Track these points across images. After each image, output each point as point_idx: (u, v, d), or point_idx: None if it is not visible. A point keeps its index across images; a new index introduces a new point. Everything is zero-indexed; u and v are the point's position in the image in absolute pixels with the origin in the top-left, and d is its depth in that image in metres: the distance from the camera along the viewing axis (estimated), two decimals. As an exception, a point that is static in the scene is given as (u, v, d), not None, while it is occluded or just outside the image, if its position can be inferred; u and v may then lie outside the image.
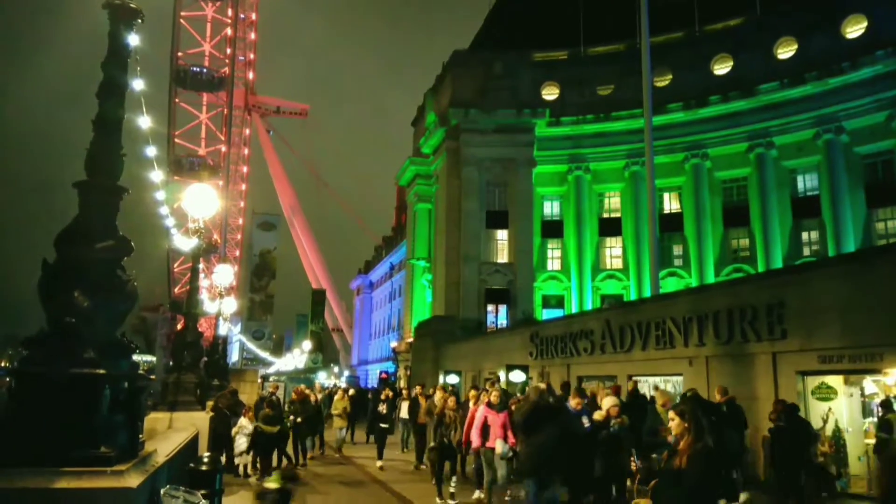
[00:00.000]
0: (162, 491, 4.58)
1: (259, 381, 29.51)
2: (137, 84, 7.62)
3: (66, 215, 4.61)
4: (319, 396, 19.41)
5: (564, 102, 39.99)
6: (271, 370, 66.29)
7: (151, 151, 9.30)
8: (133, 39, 5.10)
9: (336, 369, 68.01)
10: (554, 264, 40.06)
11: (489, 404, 10.51)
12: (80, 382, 4.03)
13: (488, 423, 10.26)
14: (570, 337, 20.29)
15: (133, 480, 3.86)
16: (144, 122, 8.22)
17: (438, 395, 14.37)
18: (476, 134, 39.42)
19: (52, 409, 4.00)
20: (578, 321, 21.38)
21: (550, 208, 40.84)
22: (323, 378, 48.89)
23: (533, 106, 39.54)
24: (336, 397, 19.28)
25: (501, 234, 39.62)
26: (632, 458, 10.01)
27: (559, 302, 38.94)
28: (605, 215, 39.81)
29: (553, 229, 40.04)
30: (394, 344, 53.11)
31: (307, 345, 62.83)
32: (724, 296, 14.41)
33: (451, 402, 12.53)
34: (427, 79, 48.41)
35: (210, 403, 12.60)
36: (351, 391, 22.76)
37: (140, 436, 4.59)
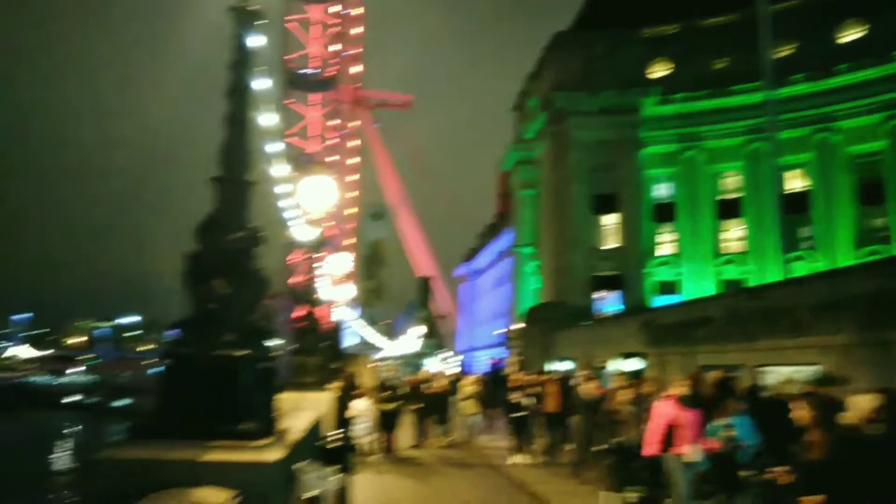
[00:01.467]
0: (298, 466, 4.86)
1: (374, 364, 30.59)
2: (259, 84, 8.03)
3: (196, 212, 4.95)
4: (446, 382, 18.41)
5: (675, 79, 38.13)
6: (384, 354, 68.53)
7: (273, 148, 9.83)
8: (255, 41, 5.38)
9: (444, 355, 69.22)
10: (666, 249, 38.46)
11: (679, 399, 8.30)
12: (222, 364, 4.34)
13: (675, 423, 8.09)
14: (689, 324, 19.42)
15: (273, 455, 4.11)
16: (265, 119, 8.67)
17: (593, 384, 12.11)
18: (580, 116, 38.47)
19: (199, 388, 4.34)
20: (697, 308, 20.43)
21: (661, 191, 39.18)
22: (432, 363, 49.87)
23: (640, 84, 38.01)
24: (464, 382, 18.21)
25: (609, 219, 38.53)
26: None
27: (672, 288, 37.36)
28: (723, 196, 37.64)
29: (665, 212, 38.39)
30: (501, 331, 53.23)
31: (416, 330, 64.31)
32: (865, 279, 13.21)
33: (628, 393, 10.17)
34: (528, 63, 47.62)
35: (331, 385, 13.19)
36: (473, 377, 20.93)
37: (275, 414, 4.88)
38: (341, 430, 8.26)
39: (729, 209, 37.01)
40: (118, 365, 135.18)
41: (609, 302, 36.51)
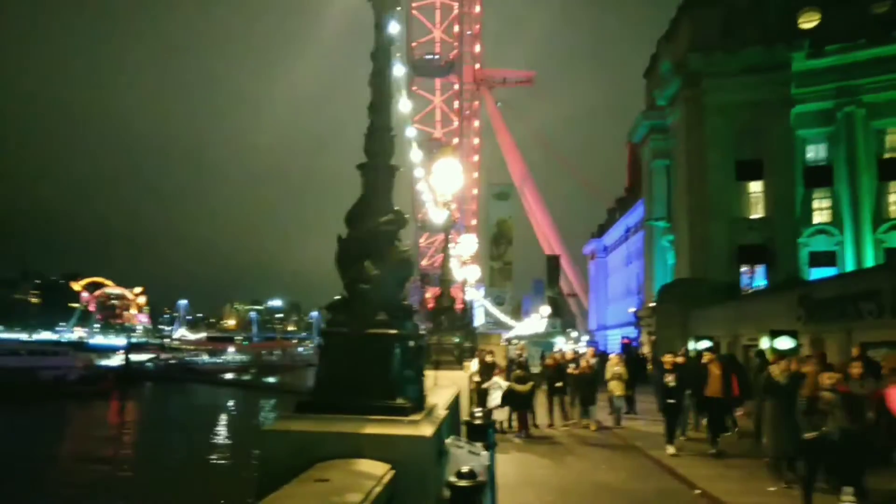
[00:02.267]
0: (447, 441, 4.98)
1: (503, 343, 30.76)
2: (395, 70, 8.20)
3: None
4: (592, 361, 17.46)
5: (827, 29, 34.44)
6: (511, 334, 68.78)
7: (410, 132, 10.06)
8: (393, 28, 5.48)
9: (574, 334, 68.20)
10: (821, 216, 35.13)
11: None
12: (375, 341, 4.51)
13: None
14: (850, 298, 17.64)
15: (427, 430, 4.22)
16: (401, 105, 8.87)
17: (786, 365, 10.21)
18: (719, 78, 35.85)
19: (355, 365, 4.54)
20: (860, 280, 18.53)
21: (815, 152, 35.74)
22: (561, 343, 49.36)
23: (786, 39, 34.70)
24: (610, 362, 17.21)
25: (754, 187, 35.79)
26: None
27: (830, 259, 34.11)
28: (888, 155, 33.65)
29: (819, 176, 34.98)
30: (634, 309, 51.49)
31: (545, 310, 63.85)
32: None
33: (832, 376, 8.49)
34: (660, 25, 45.02)
35: (467, 364, 13.43)
36: (617, 356, 19.27)
37: (424, 391, 5.02)
38: (482, 408, 8.36)
39: (893, 170, 33.04)
40: (266, 345, 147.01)
41: (755, 276, 34.09)
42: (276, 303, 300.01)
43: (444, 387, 10.56)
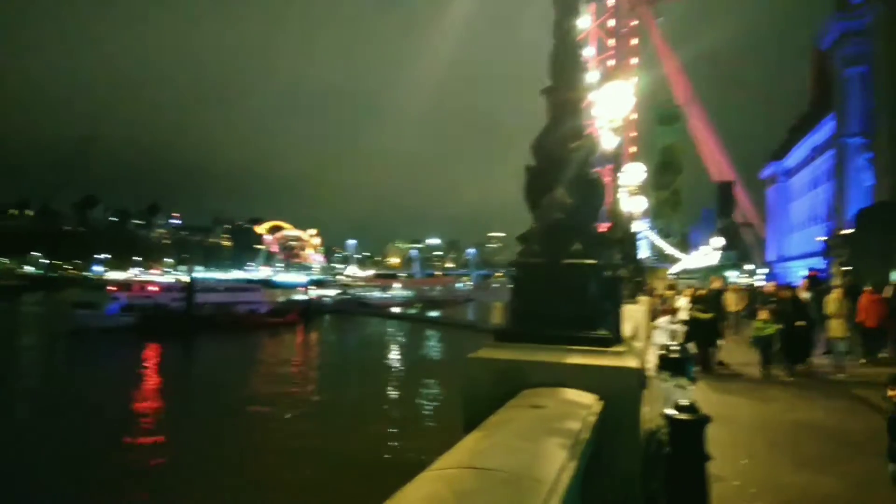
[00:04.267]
0: (652, 374, 4.82)
1: (671, 278, 29.40)
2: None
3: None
4: (807, 295, 15.30)
5: None
6: (678, 267, 65.57)
7: (588, 52, 9.56)
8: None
9: (749, 267, 63.40)
10: None
11: None
12: (572, 272, 4.40)
13: None
14: None
15: (632, 361, 4.09)
16: (582, 22, 8.41)
17: None
18: (937, -39, 30.13)
19: (551, 295, 4.48)
20: None
21: None
22: (734, 277, 46.13)
23: None
24: (831, 296, 14.33)
25: (981, 91, 30.17)
26: None
27: None
28: None
29: None
30: (823, 238, 46.51)
31: (716, 241, 59.83)
32: None
33: None
34: None
35: (641, 298, 12.99)
36: (838, 291, 15.12)
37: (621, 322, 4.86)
38: (676, 342, 8.02)
39: None
40: (428, 281, 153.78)
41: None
42: (435, 241, 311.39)
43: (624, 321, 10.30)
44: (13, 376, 31.56)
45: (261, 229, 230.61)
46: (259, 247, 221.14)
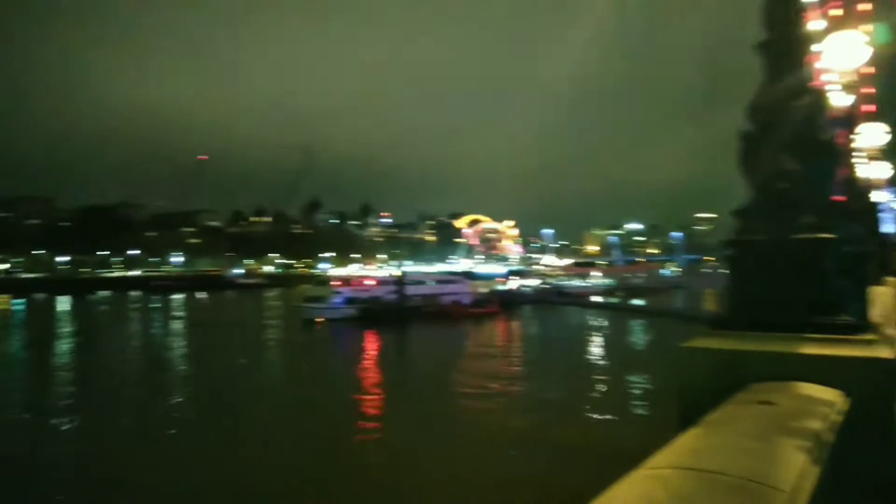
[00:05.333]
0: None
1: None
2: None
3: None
4: None
5: None
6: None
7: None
8: None
9: None
10: None
11: None
12: (804, 249, 3.84)
13: None
14: None
15: (884, 351, 3.46)
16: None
17: None
18: None
19: (776, 276, 3.95)
20: None
21: None
22: None
23: None
24: None
25: None
26: None
27: None
28: None
29: None
30: None
31: None
32: None
33: None
34: None
35: (890, 279, 11.12)
36: None
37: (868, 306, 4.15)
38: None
39: None
40: (629, 268, 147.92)
41: None
42: (635, 225, 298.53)
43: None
44: (274, 359, 36.69)
45: (461, 223, 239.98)
46: (459, 240, 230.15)
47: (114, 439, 18.68)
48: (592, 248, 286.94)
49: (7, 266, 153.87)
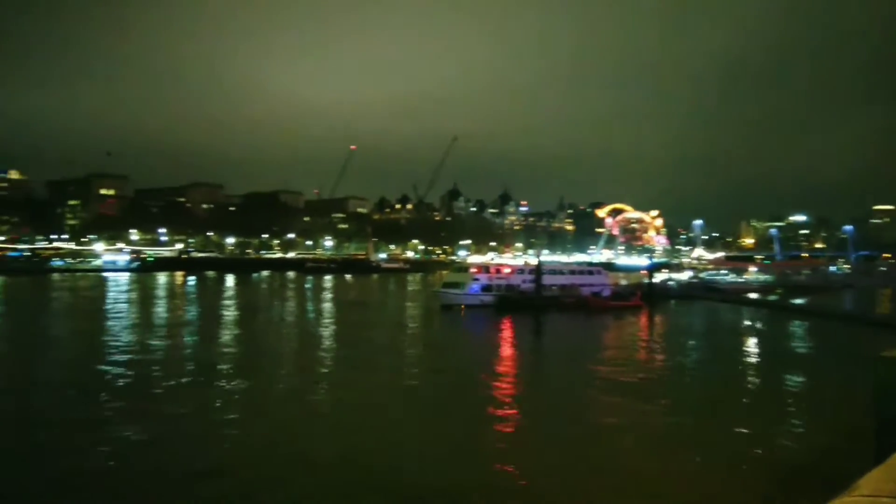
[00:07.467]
0: None
1: None
2: None
3: None
4: None
5: None
6: None
7: None
8: None
9: None
10: None
11: None
12: None
13: None
14: None
15: None
16: None
17: None
18: None
19: None
20: None
21: None
22: None
23: None
24: None
25: None
26: None
27: None
28: None
29: None
30: None
31: None
32: None
33: None
34: None
35: None
36: None
37: None
38: None
39: None
40: (791, 263, 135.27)
41: None
42: (799, 217, 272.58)
43: None
44: (414, 341, 38.07)
45: (602, 212, 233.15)
46: (600, 230, 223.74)
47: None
48: (748, 241, 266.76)
49: (182, 246, 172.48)
